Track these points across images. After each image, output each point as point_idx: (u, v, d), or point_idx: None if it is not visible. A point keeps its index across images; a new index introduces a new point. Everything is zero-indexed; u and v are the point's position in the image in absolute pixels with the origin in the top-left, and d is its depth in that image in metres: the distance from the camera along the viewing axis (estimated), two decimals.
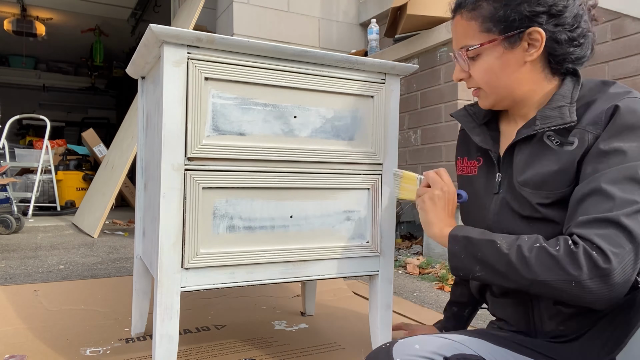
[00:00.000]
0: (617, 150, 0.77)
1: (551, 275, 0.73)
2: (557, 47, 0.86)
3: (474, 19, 0.88)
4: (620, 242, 0.71)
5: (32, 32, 7.42)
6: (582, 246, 0.72)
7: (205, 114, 0.97)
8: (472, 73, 0.91)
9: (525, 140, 0.90)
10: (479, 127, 1.01)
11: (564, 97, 0.86)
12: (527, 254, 0.76)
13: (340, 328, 1.52)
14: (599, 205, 0.74)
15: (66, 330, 1.44)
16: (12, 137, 6.96)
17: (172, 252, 0.95)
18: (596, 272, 0.70)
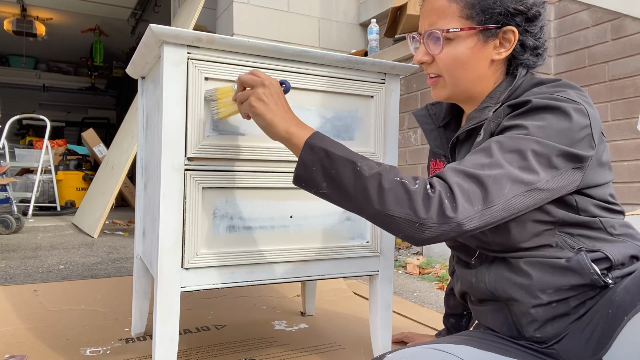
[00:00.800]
0: (518, 125, 0.78)
1: (400, 210, 0.73)
2: (521, 52, 0.87)
3: (456, 1, 0.85)
4: (474, 199, 0.72)
5: (32, 32, 7.42)
6: (439, 192, 0.72)
7: (206, 113, 0.97)
8: (439, 58, 0.88)
9: (463, 141, 0.93)
10: (436, 130, 1.01)
11: (491, 98, 0.88)
12: (385, 185, 0.74)
13: (340, 328, 1.52)
14: (477, 158, 0.76)
15: (66, 330, 1.44)
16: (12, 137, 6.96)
17: (172, 252, 0.95)
18: (441, 218, 0.71)
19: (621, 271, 0.82)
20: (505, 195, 0.73)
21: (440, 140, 1.00)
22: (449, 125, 1.02)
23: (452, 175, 0.74)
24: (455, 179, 0.73)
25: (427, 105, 1.06)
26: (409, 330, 1.46)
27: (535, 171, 0.75)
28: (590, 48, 2.41)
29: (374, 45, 3.27)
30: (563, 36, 2.55)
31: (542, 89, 0.84)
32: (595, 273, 0.80)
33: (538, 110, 0.78)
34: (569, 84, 0.84)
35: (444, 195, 0.72)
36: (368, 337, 1.28)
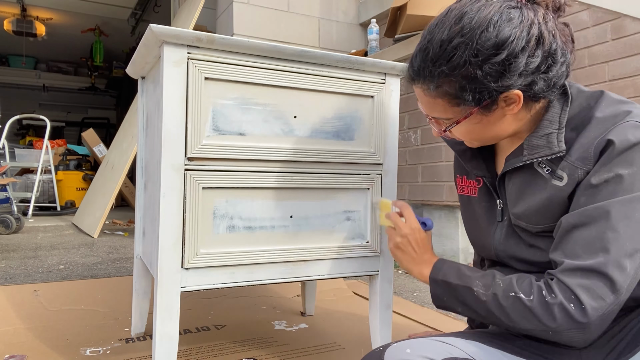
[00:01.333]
0: (610, 179, 0.73)
1: (528, 324, 0.74)
2: (536, 91, 0.78)
3: (439, 97, 0.81)
4: (602, 293, 0.70)
5: (32, 32, 7.42)
6: (559, 300, 0.71)
7: (205, 114, 0.97)
8: (453, 134, 0.87)
9: (518, 168, 0.87)
10: (469, 150, 0.95)
11: (551, 123, 0.81)
12: (504, 302, 0.76)
13: (340, 328, 1.52)
14: (589, 245, 0.72)
15: (66, 330, 1.44)
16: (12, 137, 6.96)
17: (172, 252, 0.95)
18: (572, 324, 0.70)
19: None
20: (628, 273, 0.71)
21: (476, 161, 0.94)
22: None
23: (569, 277, 0.72)
24: (575, 280, 0.71)
25: None
26: (426, 330, 1.46)
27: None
28: (590, 48, 2.41)
29: (374, 45, 3.26)
30: None
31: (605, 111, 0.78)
32: None
33: (624, 153, 0.73)
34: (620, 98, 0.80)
35: (567, 301, 0.71)
36: (368, 337, 1.28)
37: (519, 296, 0.74)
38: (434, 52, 0.78)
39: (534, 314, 0.72)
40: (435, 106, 0.83)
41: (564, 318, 0.70)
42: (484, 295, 0.78)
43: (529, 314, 0.73)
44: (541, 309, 0.72)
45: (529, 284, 0.75)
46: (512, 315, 0.75)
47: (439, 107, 0.82)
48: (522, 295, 0.74)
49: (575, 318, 0.70)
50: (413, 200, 2.84)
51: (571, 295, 0.71)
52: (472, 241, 1.01)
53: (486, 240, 0.94)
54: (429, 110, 0.85)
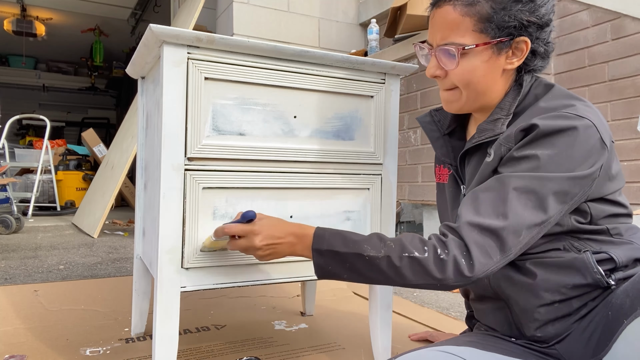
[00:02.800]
0: (529, 156, 0.78)
1: (420, 279, 0.77)
2: (532, 59, 0.87)
3: (469, 15, 0.83)
4: (492, 252, 0.75)
5: (32, 32, 7.42)
6: (453, 255, 0.75)
7: (205, 114, 0.97)
8: (453, 73, 0.87)
9: (474, 152, 0.92)
10: (442, 138, 1.01)
11: (501, 110, 0.88)
12: (397, 263, 0.78)
13: (340, 328, 1.52)
14: (494, 206, 0.77)
15: (66, 330, 1.44)
16: (12, 137, 6.96)
17: (172, 252, 0.95)
18: (459, 277, 0.75)
19: (624, 273, 0.82)
20: (520, 241, 0.76)
21: (446, 149, 1.00)
22: (454, 132, 1.01)
23: (468, 232, 0.77)
24: (471, 235, 0.76)
25: (431, 111, 1.05)
26: (426, 330, 1.46)
27: (549, 208, 0.77)
28: (590, 48, 2.41)
29: (374, 45, 3.27)
30: (563, 36, 2.55)
31: (549, 102, 0.84)
32: (598, 272, 0.81)
33: (547, 136, 0.78)
34: (570, 94, 0.85)
35: (459, 255, 0.75)
36: (368, 337, 1.28)
37: (413, 255, 0.77)
38: None
39: (427, 270, 0.76)
40: (460, 26, 0.83)
41: (454, 272, 0.75)
42: (376, 258, 0.80)
43: (422, 270, 0.77)
44: (434, 265, 0.76)
45: (420, 242, 0.79)
46: (406, 274, 0.78)
47: (462, 28, 0.83)
48: (416, 253, 0.77)
49: (463, 272, 0.75)
50: (413, 200, 2.84)
51: (463, 251, 0.75)
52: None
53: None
54: (448, 32, 0.85)
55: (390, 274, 0.79)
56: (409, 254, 0.77)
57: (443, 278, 0.75)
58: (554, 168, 0.77)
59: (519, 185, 0.77)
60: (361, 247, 0.81)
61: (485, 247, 0.75)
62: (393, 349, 1.24)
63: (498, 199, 0.77)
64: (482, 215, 0.77)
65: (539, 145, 0.78)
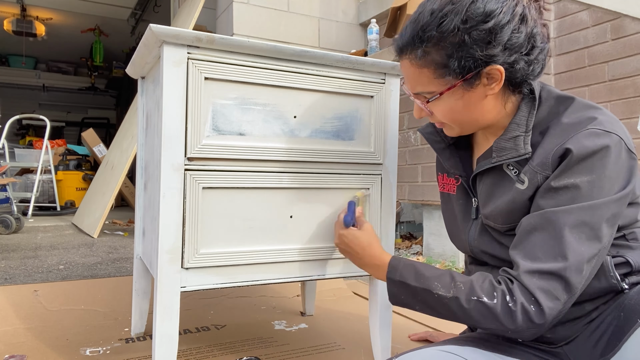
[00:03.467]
0: (569, 186, 0.76)
1: (489, 324, 0.77)
2: (515, 74, 0.82)
3: (425, 66, 0.82)
4: (558, 295, 0.74)
5: (32, 32, 7.42)
6: (521, 304, 0.74)
7: (205, 114, 0.97)
8: (434, 112, 0.88)
9: (487, 170, 0.90)
10: (447, 149, 0.98)
11: (519, 126, 0.84)
12: (466, 305, 0.78)
13: (340, 328, 1.52)
14: (549, 248, 0.75)
15: (66, 330, 1.44)
16: (12, 137, 6.96)
17: (172, 252, 0.95)
18: (530, 325, 0.74)
19: (637, 277, 0.82)
20: (584, 276, 0.75)
21: (454, 160, 0.97)
22: (460, 141, 0.99)
23: (529, 279, 0.75)
24: (534, 282, 0.75)
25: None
26: (426, 330, 1.46)
27: (603, 236, 0.76)
28: (590, 48, 2.41)
29: (374, 45, 3.26)
30: (563, 36, 2.55)
31: (571, 116, 0.81)
32: (614, 277, 0.80)
33: (582, 161, 0.76)
34: (588, 104, 0.82)
35: (527, 304, 0.74)
36: (368, 337, 1.28)
37: (482, 301, 0.77)
38: (424, 20, 0.81)
39: (497, 317, 0.75)
40: (421, 77, 0.84)
41: (524, 320, 0.74)
42: (445, 298, 0.80)
43: (491, 317, 0.76)
44: (504, 313, 0.75)
45: (490, 286, 0.77)
46: (474, 317, 0.77)
47: (423, 79, 0.84)
48: (485, 299, 0.76)
49: (534, 320, 0.74)
50: (413, 200, 2.84)
51: (531, 298, 0.74)
52: (450, 237, 1.04)
53: (462, 236, 0.97)
54: (414, 83, 0.86)
55: (460, 314, 0.79)
56: (477, 298, 0.77)
57: (514, 328, 0.75)
58: (597, 194, 0.75)
59: (569, 221, 0.75)
60: (431, 284, 0.82)
61: (551, 291, 0.74)
62: (393, 349, 1.24)
63: (552, 240, 0.76)
64: (540, 260, 0.75)
65: (577, 172, 0.76)
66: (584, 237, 0.75)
